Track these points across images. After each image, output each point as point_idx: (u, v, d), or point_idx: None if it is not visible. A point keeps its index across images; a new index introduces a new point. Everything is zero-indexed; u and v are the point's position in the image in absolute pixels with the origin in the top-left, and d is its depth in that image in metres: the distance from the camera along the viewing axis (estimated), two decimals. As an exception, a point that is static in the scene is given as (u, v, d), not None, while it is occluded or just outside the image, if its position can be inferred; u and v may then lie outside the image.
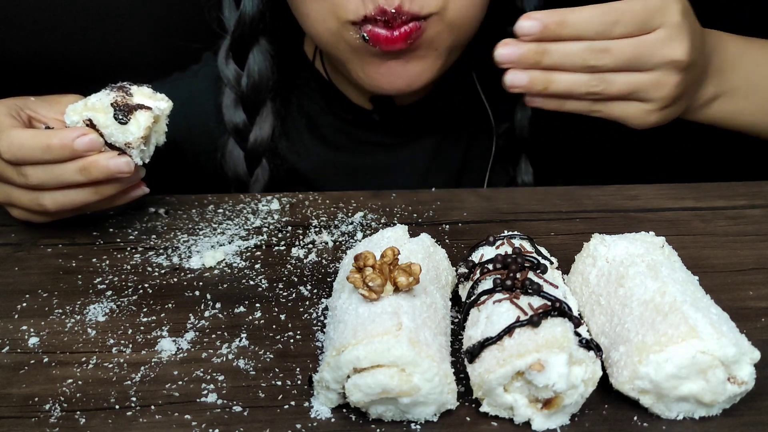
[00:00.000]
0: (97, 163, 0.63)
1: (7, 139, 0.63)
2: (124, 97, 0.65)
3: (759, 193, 0.77)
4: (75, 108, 0.65)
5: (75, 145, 0.63)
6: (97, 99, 0.65)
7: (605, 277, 0.54)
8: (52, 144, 0.63)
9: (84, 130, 0.63)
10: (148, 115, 0.65)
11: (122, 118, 0.64)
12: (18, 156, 0.63)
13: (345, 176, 0.92)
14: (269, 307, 0.60)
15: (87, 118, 0.64)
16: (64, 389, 0.50)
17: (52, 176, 0.64)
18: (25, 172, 0.64)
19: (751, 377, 0.46)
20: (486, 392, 0.47)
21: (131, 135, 0.64)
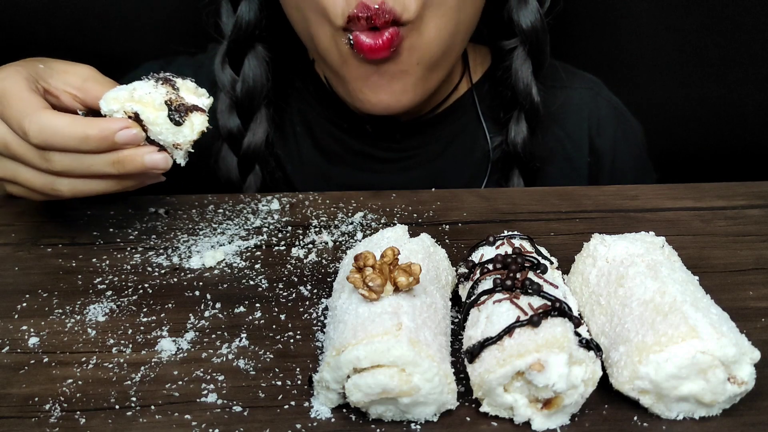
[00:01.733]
0: (133, 158, 0.60)
1: (38, 122, 0.59)
2: (178, 96, 0.61)
3: (759, 193, 0.77)
4: (117, 96, 0.61)
5: (116, 137, 0.59)
6: (146, 92, 0.60)
7: (605, 277, 0.54)
8: (90, 135, 0.58)
9: (126, 123, 0.59)
10: (203, 119, 0.61)
11: (178, 119, 0.60)
12: (49, 142, 0.59)
13: (336, 188, 0.91)
14: (269, 307, 0.60)
15: (133, 111, 0.60)
16: (64, 389, 0.50)
17: (80, 165, 0.60)
18: (50, 157, 0.60)
19: (751, 377, 0.46)
20: (486, 392, 0.47)
21: (183, 137, 0.61)
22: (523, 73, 0.84)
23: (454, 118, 0.91)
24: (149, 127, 0.60)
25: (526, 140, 0.86)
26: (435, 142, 0.90)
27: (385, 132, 0.90)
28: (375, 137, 0.90)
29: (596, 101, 0.93)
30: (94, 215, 0.73)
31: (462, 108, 0.91)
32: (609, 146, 0.92)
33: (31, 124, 0.59)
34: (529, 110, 0.85)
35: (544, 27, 0.84)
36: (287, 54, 0.90)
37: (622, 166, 0.93)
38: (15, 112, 0.60)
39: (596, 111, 0.93)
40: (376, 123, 0.89)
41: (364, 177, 0.90)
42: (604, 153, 0.92)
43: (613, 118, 0.94)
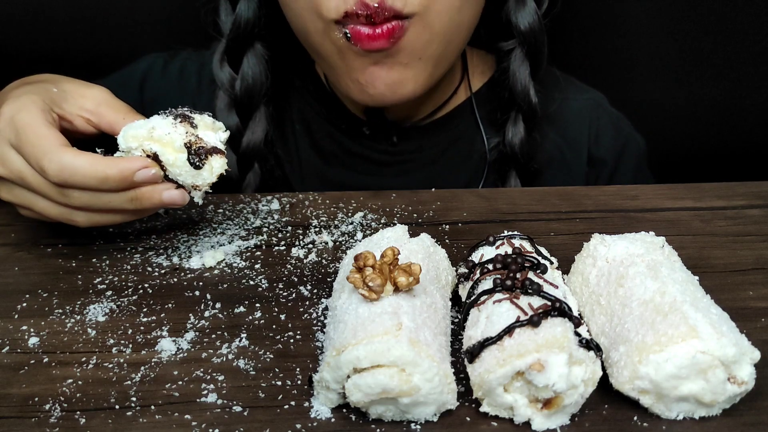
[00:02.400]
0: (151, 195, 0.61)
1: (58, 162, 0.59)
2: (197, 138, 0.61)
3: (758, 193, 0.77)
4: (136, 135, 0.61)
5: (135, 177, 0.60)
6: (165, 132, 0.60)
7: (605, 277, 0.54)
8: (110, 175, 0.59)
9: (146, 162, 0.60)
10: (222, 162, 0.61)
11: (198, 163, 0.60)
12: (69, 182, 0.59)
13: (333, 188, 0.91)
14: (269, 307, 0.60)
15: (152, 151, 0.60)
16: (64, 389, 0.50)
17: (98, 201, 0.61)
18: (69, 194, 0.61)
19: (751, 377, 0.46)
20: (486, 392, 0.47)
21: (202, 180, 0.61)
22: (521, 74, 0.84)
23: (453, 124, 0.91)
24: (168, 168, 0.61)
25: (524, 141, 0.86)
26: (432, 147, 0.90)
27: (382, 134, 0.90)
28: (372, 139, 0.90)
29: (597, 112, 0.93)
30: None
31: (461, 114, 0.91)
32: (608, 157, 0.92)
33: (51, 164, 0.59)
34: (526, 111, 0.85)
35: (541, 28, 0.84)
36: (287, 53, 0.91)
37: (621, 178, 0.92)
38: (33, 149, 0.60)
39: (596, 121, 0.93)
40: (373, 125, 0.89)
41: (360, 179, 0.90)
42: (603, 164, 0.92)
43: (614, 130, 0.93)
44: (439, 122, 0.91)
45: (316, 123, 0.92)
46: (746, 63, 1.09)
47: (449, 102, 0.91)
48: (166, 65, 0.95)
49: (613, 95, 0.97)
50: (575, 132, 0.92)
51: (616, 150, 0.92)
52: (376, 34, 0.72)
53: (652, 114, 1.11)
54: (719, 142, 1.14)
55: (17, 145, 0.61)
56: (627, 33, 1.10)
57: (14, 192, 0.64)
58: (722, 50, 1.08)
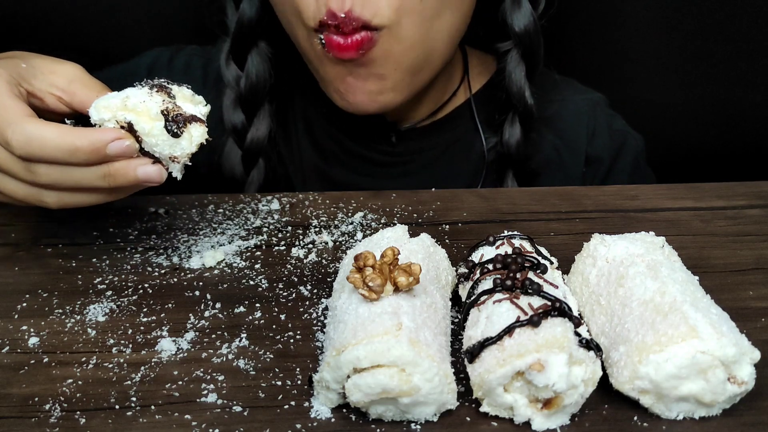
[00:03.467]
0: (126, 171, 0.57)
1: (22, 132, 0.55)
2: (175, 105, 0.57)
3: (759, 193, 0.77)
4: (109, 105, 0.57)
5: (107, 149, 0.55)
6: (140, 100, 0.57)
7: (605, 277, 0.54)
8: (80, 147, 0.55)
9: (119, 134, 0.56)
10: (202, 131, 0.58)
11: (176, 131, 0.57)
12: (35, 154, 0.55)
13: (334, 187, 0.92)
14: (269, 307, 0.60)
15: (126, 121, 0.56)
16: (64, 389, 0.50)
17: (69, 178, 0.57)
18: (35, 169, 0.56)
19: (751, 377, 0.46)
20: (486, 392, 0.47)
21: (180, 150, 0.57)
22: (517, 75, 0.84)
23: (452, 125, 0.91)
24: (144, 138, 0.57)
25: (520, 143, 0.86)
26: (432, 148, 0.90)
27: (380, 135, 0.90)
28: (371, 140, 0.90)
29: (594, 111, 0.93)
30: (94, 215, 0.73)
31: (460, 116, 0.91)
32: (604, 156, 0.92)
33: (15, 135, 0.55)
34: (522, 113, 0.85)
35: (537, 30, 0.83)
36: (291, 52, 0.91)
37: (618, 176, 0.92)
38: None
39: (593, 121, 0.93)
40: (371, 126, 0.89)
41: (361, 179, 0.91)
42: (599, 163, 0.92)
43: (610, 129, 0.93)
44: (439, 123, 0.91)
45: (318, 122, 0.92)
46: (746, 63, 1.09)
47: (449, 103, 0.91)
48: (171, 59, 0.95)
49: (613, 95, 0.97)
50: (572, 133, 0.92)
51: (613, 148, 0.92)
52: (346, 45, 0.73)
53: (652, 114, 1.11)
54: (719, 142, 1.14)
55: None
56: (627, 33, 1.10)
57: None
58: (722, 50, 1.08)
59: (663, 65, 1.10)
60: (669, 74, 1.11)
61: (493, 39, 0.88)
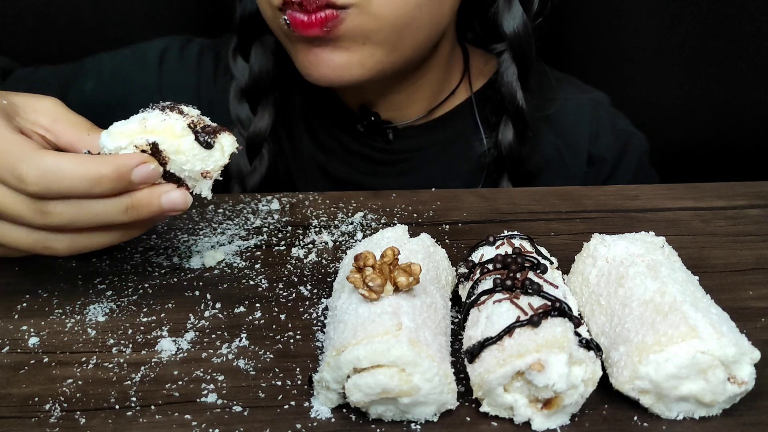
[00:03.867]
0: (149, 201, 0.52)
1: (37, 166, 0.49)
2: (199, 117, 0.55)
3: (759, 193, 0.77)
4: (124, 130, 0.53)
5: (132, 176, 0.51)
6: (159, 119, 0.53)
7: (605, 277, 0.54)
8: (104, 174, 0.50)
9: (143, 158, 0.52)
10: (232, 140, 0.55)
11: (209, 141, 0.54)
12: (53, 188, 0.50)
13: (333, 183, 0.92)
14: (269, 307, 0.60)
15: (149, 143, 0.53)
16: (64, 389, 0.50)
17: (86, 215, 0.51)
18: (49, 209, 0.51)
19: (751, 377, 0.46)
20: (486, 392, 0.47)
21: (213, 162, 0.55)
22: (509, 77, 0.84)
23: (452, 123, 0.91)
24: (172, 158, 0.53)
25: (513, 145, 0.86)
26: (432, 146, 0.90)
27: (378, 132, 0.90)
28: (368, 137, 0.90)
29: (596, 111, 0.93)
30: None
31: (461, 114, 0.91)
32: (607, 156, 0.92)
33: (30, 169, 0.49)
34: (514, 115, 0.85)
35: (528, 32, 0.83)
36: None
37: (622, 176, 0.92)
38: (5, 157, 0.51)
39: (596, 121, 0.92)
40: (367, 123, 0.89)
41: (360, 177, 0.91)
42: (602, 163, 0.92)
43: (613, 129, 0.93)
44: (439, 121, 0.91)
45: (318, 118, 0.92)
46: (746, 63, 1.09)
47: (449, 101, 0.91)
48: (182, 48, 0.96)
49: (613, 95, 0.97)
50: (574, 132, 0.92)
51: (617, 149, 0.92)
52: (309, 22, 0.72)
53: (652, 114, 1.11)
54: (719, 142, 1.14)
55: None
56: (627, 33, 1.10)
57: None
58: (722, 50, 1.08)
59: (663, 65, 1.10)
60: (669, 74, 1.11)
61: (489, 40, 0.88)
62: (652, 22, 1.08)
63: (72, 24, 1.07)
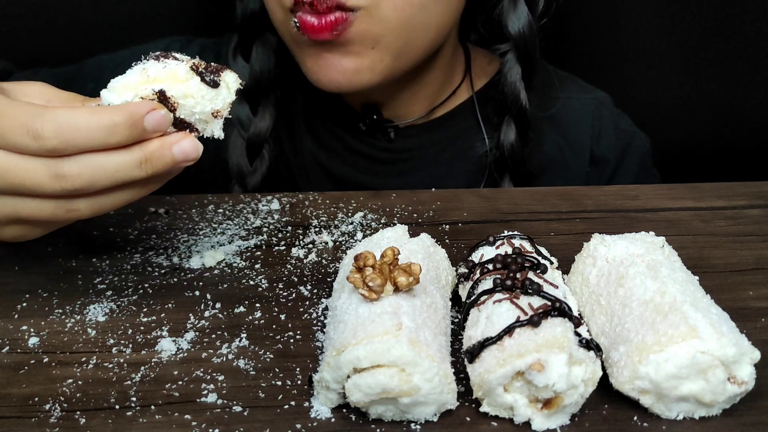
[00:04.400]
0: (161, 153, 0.52)
1: (52, 120, 0.49)
2: (198, 59, 0.55)
3: (759, 193, 0.77)
4: (128, 83, 0.53)
5: (145, 123, 0.51)
6: (160, 68, 0.53)
7: (605, 277, 0.54)
8: (118, 122, 0.50)
9: (153, 105, 0.52)
10: (235, 76, 0.55)
11: (215, 79, 0.54)
12: (70, 141, 0.49)
13: (333, 185, 0.92)
14: (269, 307, 0.60)
15: (156, 92, 0.52)
16: (64, 389, 0.50)
17: (103, 175, 0.51)
18: (65, 171, 0.50)
19: (751, 377, 0.46)
20: (486, 392, 0.47)
21: (222, 101, 0.54)
22: (512, 78, 0.84)
23: (454, 122, 0.91)
24: (181, 103, 0.53)
25: (514, 146, 0.86)
26: (433, 145, 0.90)
27: (380, 131, 0.90)
28: (369, 136, 0.90)
29: (599, 111, 0.93)
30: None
31: (463, 113, 0.91)
32: (610, 156, 0.91)
33: (45, 124, 0.49)
34: (517, 115, 0.85)
35: (533, 33, 0.83)
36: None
37: (624, 177, 0.92)
38: (17, 118, 0.50)
39: (598, 121, 0.92)
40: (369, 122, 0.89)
41: (361, 177, 0.91)
42: (605, 163, 0.92)
43: (616, 129, 0.93)
44: (440, 120, 0.91)
45: (320, 118, 0.92)
46: (746, 63, 1.09)
47: (450, 100, 0.91)
48: (183, 48, 0.96)
49: (613, 95, 0.97)
50: (577, 132, 0.92)
51: (619, 149, 0.92)
52: (320, 26, 0.72)
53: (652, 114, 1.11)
54: (719, 142, 1.14)
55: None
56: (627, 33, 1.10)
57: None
58: (722, 50, 1.08)
59: (663, 65, 1.10)
60: (669, 74, 1.11)
61: (493, 40, 0.88)
62: (652, 22, 1.08)
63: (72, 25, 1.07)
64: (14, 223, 0.55)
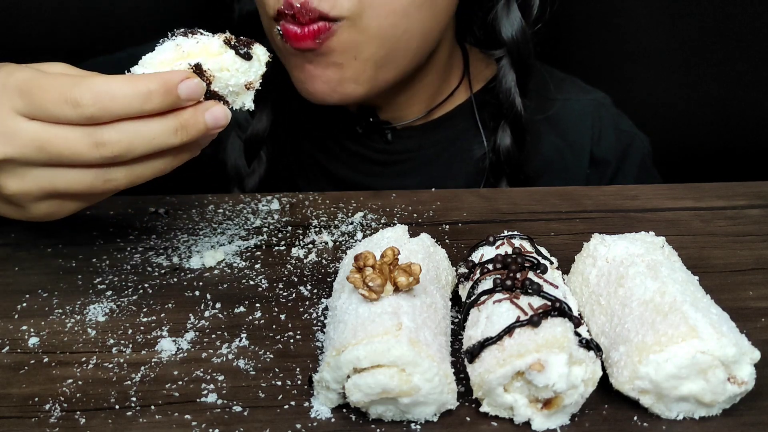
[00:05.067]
0: (195, 120, 0.53)
1: (89, 88, 0.50)
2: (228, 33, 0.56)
3: (759, 193, 0.77)
4: (164, 59, 0.54)
5: (179, 91, 0.52)
6: (193, 42, 0.55)
7: (605, 277, 0.54)
8: (153, 90, 0.51)
9: (187, 73, 0.53)
10: (264, 49, 0.57)
11: (248, 52, 0.56)
12: (108, 108, 0.51)
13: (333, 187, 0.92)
14: (269, 307, 0.60)
15: (193, 65, 0.54)
16: (64, 389, 0.50)
17: (141, 142, 0.52)
18: (104, 138, 0.51)
19: (751, 377, 0.46)
20: (486, 392, 0.47)
21: (254, 73, 0.57)
22: (507, 83, 0.84)
23: (451, 124, 0.91)
24: (217, 76, 0.55)
25: (511, 150, 0.86)
26: (431, 146, 0.90)
27: (376, 133, 0.90)
28: (367, 137, 0.90)
29: (599, 112, 0.93)
30: (94, 215, 0.73)
31: (461, 115, 0.91)
32: (610, 158, 0.91)
33: (84, 92, 0.50)
34: (512, 121, 0.85)
35: (526, 39, 0.83)
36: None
37: (625, 178, 0.92)
38: (55, 88, 0.51)
39: (598, 122, 0.92)
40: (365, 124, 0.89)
41: (359, 178, 0.91)
42: (605, 165, 0.91)
43: (616, 130, 0.93)
44: (438, 122, 0.90)
45: (318, 119, 0.92)
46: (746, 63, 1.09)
47: (448, 102, 0.90)
48: None
49: (613, 95, 0.97)
50: (576, 133, 0.92)
51: (619, 150, 0.92)
52: (302, 34, 0.73)
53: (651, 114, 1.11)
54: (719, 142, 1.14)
55: (28, 102, 0.52)
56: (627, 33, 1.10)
57: (29, 176, 0.54)
58: (722, 50, 1.08)
59: (663, 65, 1.10)
60: (669, 74, 1.11)
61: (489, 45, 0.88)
62: (652, 22, 1.08)
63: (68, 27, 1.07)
64: (49, 198, 0.55)
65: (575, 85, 0.95)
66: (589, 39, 1.11)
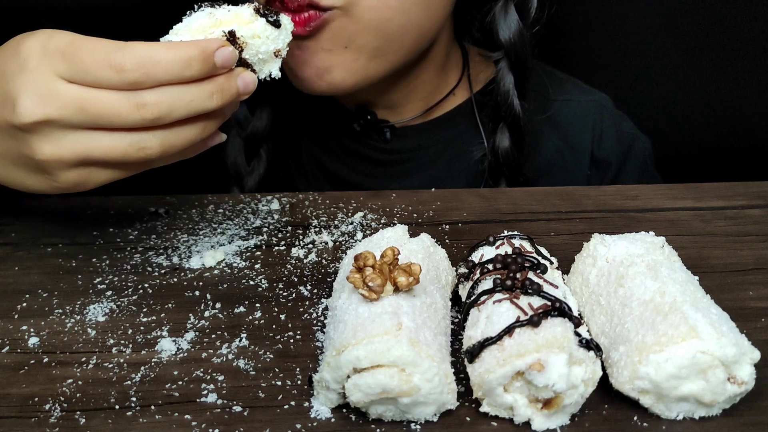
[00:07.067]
0: (229, 85, 0.56)
1: (132, 54, 0.52)
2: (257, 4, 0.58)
3: (759, 193, 0.77)
4: (201, 26, 0.56)
5: (215, 58, 0.54)
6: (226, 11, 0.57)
7: (605, 277, 0.54)
8: (192, 56, 0.53)
9: (222, 41, 0.55)
10: (288, 18, 0.60)
11: (277, 19, 0.58)
12: (151, 74, 0.52)
13: (333, 186, 0.92)
14: (269, 307, 0.60)
15: (227, 32, 0.56)
16: (64, 389, 0.50)
17: (181, 103, 0.53)
18: (146, 99, 0.52)
19: (751, 377, 0.46)
20: (486, 392, 0.47)
21: (282, 41, 0.59)
22: (505, 86, 0.84)
23: (452, 123, 0.90)
24: (249, 42, 0.57)
25: (509, 152, 0.85)
26: (431, 146, 0.90)
27: (375, 132, 0.90)
28: (365, 136, 0.90)
29: (600, 113, 0.92)
30: (94, 215, 0.73)
31: (461, 114, 0.91)
32: (612, 159, 0.91)
33: (126, 57, 0.51)
34: (511, 123, 0.85)
35: (524, 41, 0.82)
36: None
37: (626, 179, 0.92)
38: (98, 52, 0.52)
39: (599, 123, 0.92)
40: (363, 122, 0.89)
41: (359, 178, 0.91)
42: (607, 166, 0.91)
43: (617, 131, 0.92)
44: (438, 122, 0.90)
45: (317, 118, 0.92)
46: (746, 63, 1.09)
47: (448, 101, 0.90)
48: None
49: (612, 95, 0.97)
50: (577, 134, 0.92)
51: (621, 151, 0.92)
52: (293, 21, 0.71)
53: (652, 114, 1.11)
54: (719, 142, 1.14)
55: (70, 65, 0.52)
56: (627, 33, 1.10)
57: (64, 140, 0.54)
58: (722, 50, 1.08)
59: (663, 65, 1.10)
60: (669, 74, 1.11)
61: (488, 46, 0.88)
62: (652, 22, 1.08)
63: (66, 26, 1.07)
64: (80, 165, 0.55)
65: (576, 86, 0.95)
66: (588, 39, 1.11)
